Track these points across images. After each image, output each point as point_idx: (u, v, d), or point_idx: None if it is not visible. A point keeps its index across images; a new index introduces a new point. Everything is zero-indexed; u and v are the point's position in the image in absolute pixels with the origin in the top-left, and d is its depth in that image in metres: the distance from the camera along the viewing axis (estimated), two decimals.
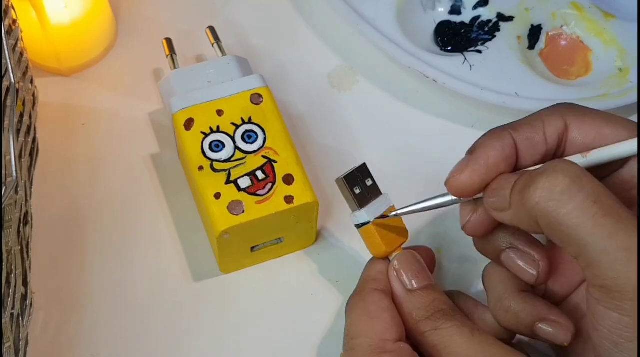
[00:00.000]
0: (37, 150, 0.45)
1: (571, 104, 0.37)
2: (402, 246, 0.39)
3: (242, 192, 0.40)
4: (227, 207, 0.39)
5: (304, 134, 0.47)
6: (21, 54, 0.43)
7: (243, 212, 0.39)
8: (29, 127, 0.43)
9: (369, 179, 0.39)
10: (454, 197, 0.37)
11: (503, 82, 0.47)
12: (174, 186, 0.45)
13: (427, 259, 0.40)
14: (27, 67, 0.44)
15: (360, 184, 0.39)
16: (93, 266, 0.43)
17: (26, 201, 0.41)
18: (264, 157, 0.41)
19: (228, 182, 0.40)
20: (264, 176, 0.40)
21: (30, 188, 0.43)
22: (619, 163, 0.35)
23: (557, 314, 0.36)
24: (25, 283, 0.39)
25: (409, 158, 0.47)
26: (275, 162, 0.41)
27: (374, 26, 0.49)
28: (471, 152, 0.36)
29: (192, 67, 0.45)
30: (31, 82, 0.45)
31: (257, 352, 0.41)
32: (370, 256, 0.40)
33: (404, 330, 0.37)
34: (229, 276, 0.43)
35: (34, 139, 0.44)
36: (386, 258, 0.39)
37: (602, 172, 0.35)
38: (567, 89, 0.48)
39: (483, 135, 0.36)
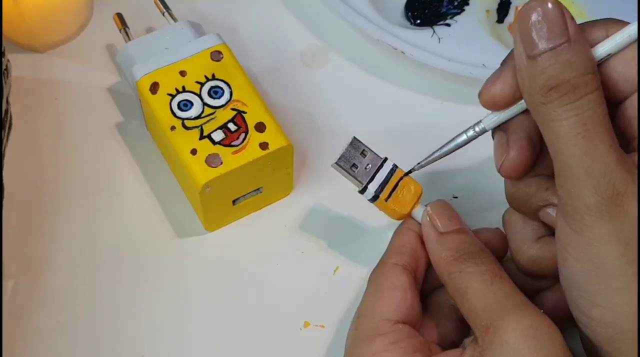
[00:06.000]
0: (10, 124, 0.45)
1: (615, 19, 0.34)
2: (420, 200, 0.39)
3: (218, 145, 0.40)
4: (205, 161, 0.40)
5: (275, 110, 0.48)
6: None
7: (221, 163, 0.40)
8: None
9: (365, 150, 0.39)
10: (469, 135, 0.36)
11: (471, 53, 0.48)
12: (145, 154, 0.46)
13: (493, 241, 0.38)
14: None
15: (357, 160, 0.38)
16: (64, 234, 0.43)
17: None
18: (233, 109, 0.42)
19: (202, 137, 0.41)
20: (236, 127, 0.41)
21: (2, 160, 0.43)
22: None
23: None
24: None
25: (381, 130, 0.48)
26: (244, 113, 0.41)
27: (344, 1, 0.49)
28: (504, 62, 0.35)
29: (146, 37, 0.45)
30: (3, 54, 0.45)
31: (245, 310, 0.42)
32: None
33: (417, 311, 0.36)
34: (214, 234, 0.44)
35: (7, 112, 0.45)
36: (410, 218, 0.39)
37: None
38: None
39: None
